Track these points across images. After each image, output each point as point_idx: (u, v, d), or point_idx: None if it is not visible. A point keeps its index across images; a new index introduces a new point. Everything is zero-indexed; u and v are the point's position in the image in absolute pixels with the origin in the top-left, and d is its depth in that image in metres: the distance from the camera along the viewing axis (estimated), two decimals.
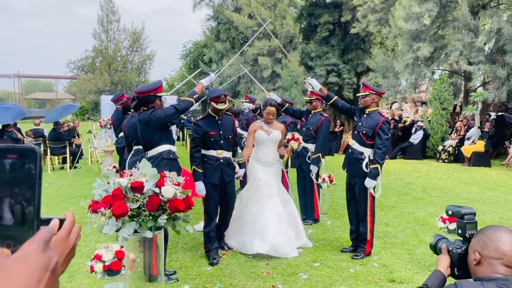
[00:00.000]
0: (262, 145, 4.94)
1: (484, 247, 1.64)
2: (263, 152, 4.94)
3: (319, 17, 24.49)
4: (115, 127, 6.75)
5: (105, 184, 1.85)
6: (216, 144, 4.39)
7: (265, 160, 4.94)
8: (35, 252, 0.56)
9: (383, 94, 4.79)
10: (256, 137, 4.94)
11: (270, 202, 4.77)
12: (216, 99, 4.30)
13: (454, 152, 12.82)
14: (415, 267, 4.36)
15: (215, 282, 4.01)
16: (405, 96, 15.93)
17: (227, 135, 4.48)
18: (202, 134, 4.33)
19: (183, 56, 38.45)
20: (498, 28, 13.17)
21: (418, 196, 7.80)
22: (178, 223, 1.81)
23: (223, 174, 4.45)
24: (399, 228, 5.74)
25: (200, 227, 5.23)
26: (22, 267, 0.54)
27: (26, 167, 0.60)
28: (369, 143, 4.51)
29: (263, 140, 4.92)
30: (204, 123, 4.38)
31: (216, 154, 4.42)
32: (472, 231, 1.68)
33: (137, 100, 4.19)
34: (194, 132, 4.34)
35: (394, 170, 11.05)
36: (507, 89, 13.31)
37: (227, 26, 27.76)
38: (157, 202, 1.68)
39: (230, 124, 4.56)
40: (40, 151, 0.64)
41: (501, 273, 1.60)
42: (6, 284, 0.53)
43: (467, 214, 1.68)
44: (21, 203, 0.59)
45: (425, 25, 14.67)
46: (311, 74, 24.07)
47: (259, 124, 4.99)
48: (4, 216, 0.58)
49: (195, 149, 4.36)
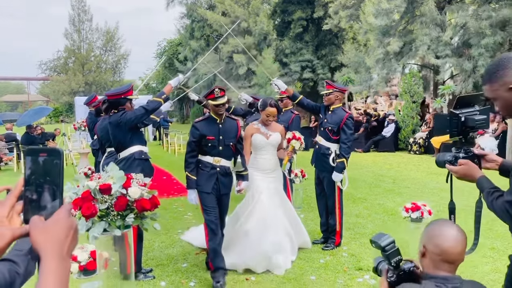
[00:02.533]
0: (261, 150, 4.43)
1: (428, 242, 1.68)
2: (263, 158, 4.44)
3: (292, 13, 24.72)
4: (90, 129, 6.78)
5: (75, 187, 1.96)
6: (213, 150, 3.90)
7: (265, 167, 4.43)
8: (64, 217, 0.84)
9: (346, 91, 5.01)
10: (254, 142, 4.41)
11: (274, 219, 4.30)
12: (211, 95, 3.86)
13: (424, 144, 13.24)
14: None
15: (190, 277, 4.14)
16: (377, 90, 16.30)
17: (228, 141, 3.95)
18: (198, 138, 3.85)
19: (158, 54, 38.19)
20: (464, 22, 13.63)
21: (389, 188, 8.09)
22: (146, 221, 1.94)
23: (218, 184, 3.94)
24: (369, 219, 5.99)
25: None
26: (56, 227, 0.83)
27: (54, 162, 0.86)
28: (334, 139, 4.72)
29: (261, 145, 4.41)
30: (202, 125, 3.91)
31: (213, 162, 3.92)
32: (396, 258, 1.67)
33: (107, 103, 4.28)
34: (191, 135, 3.88)
35: (366, 163, 11.36)
36: (473, 81, 13.78)
37: (201, 24, 27.73)
38: (124, 203, 1.82)
39: (234, 129, 4.03)
40: (63, 151, 0.89)
41: (443, 269, 1.64)
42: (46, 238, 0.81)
43: (387, 245, 1.68)
44: (53, 186, 0.86)
45: (394, 21, 15.05)
46: (286, 71, 24.32)
47: (256, 127, 4.45)
48: (44, 195, 0.85)
49: (190, 154, 3.90)
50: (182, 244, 5.11)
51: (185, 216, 6.39)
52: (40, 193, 0.85)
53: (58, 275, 0.79)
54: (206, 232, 3.95)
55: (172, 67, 30.84)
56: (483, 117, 1.99)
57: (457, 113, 2.00)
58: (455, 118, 2.00)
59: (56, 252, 0.81)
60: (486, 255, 4.56)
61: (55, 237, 0.82)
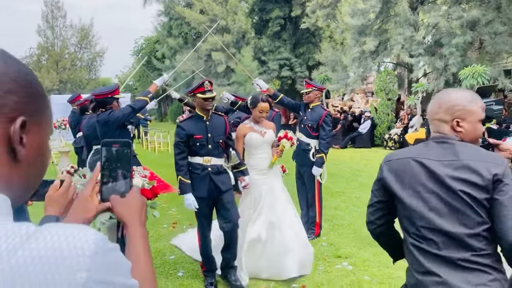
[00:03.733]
0: (257, 150, 4.20)
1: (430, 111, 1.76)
2: (259, 157, 4.20)
3: (270, 12, 24.96)
4: (72, 128, 6.83)
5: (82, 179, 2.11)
6: (202, 149, 3.68)
7: (262, 167, 4.19)
8: (137, 194, 1.04)
9: (324, 89, 5.26)
10: (249, 141, 4.18)
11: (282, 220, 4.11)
12: (201, 89, 3.63)
13: (399, 140, 13.71)
14: (359, 244, 4.87)
15: (178, 268, 4.32)
16: (353, 88, 16.72)
17: (217, 139, 3.74)
18: (186, 138, 3.64)
19: (135, 52, 37.85)
20: (435, 22, 14.14)
21: (365, 182, 8.42)
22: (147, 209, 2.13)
23: (214, 184, 3.71)
24: (347, 211, 6.28)
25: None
26: (134, 201, 1.02)
27: (124, 151, 1.03)
28: (314, 135, 4.96)
29: (257, 144, 4.18)
30: (188, 124, 3.68)
31: (203, 162, 3.70)
32: None
33: (95, 102, 4.41)
34: (177, 136, 3.67)
35: (344, 159, 11.71)
36: (445, 79, 14.34)
37: (179, 22, 27.66)
38: None
39: (222, 126, 3.82)
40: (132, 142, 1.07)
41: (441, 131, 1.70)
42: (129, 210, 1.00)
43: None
44: (124, 171, 1.03)
45: (369, 20, 15.46)
46: (264, 68, 24.57)
47: (249, 126, 4.22)
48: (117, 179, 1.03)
49: (180, 156, 3.65)
50: (169, 238, 5.27)
51: (169, 211, 6.54)
52: (114, 177, 1.04)
53: (145, 237, 0.98)
54: (199, 237, 3.88)
55: (150, 65, 30.67)
56: (499, 107, 2.05)
57: None
58: None
59: (138, 220, 1.00)
60: None
61: (135, 208, 1.01)
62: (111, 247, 0.66)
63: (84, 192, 1.07)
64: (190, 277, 4.13)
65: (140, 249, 0.95)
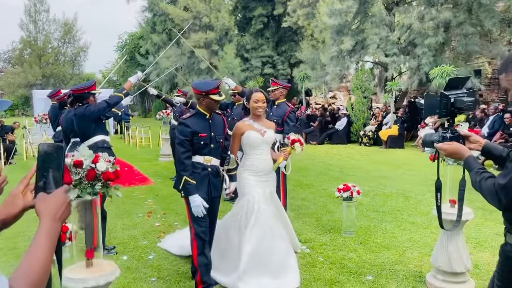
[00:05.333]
0: (255, 150, 3.93)
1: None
2: (257, 158, 3.93)
3: (253, 10, 25.32)
4: (52, 122, 7.10)
5: None
6: (205, 148, 3.53)
7: (260, 169, 3.93)
8: (60, 193, 1.13)
9: (289, 87, 5.65)
10: (247, 140, 3.90)
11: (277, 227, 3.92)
12: (216, 90, 3.51)
13: (373, 136, 14.22)
14: (319, 230, 5.29)
15: (150, 252, 4.67)
16: (331, 86, 17.18)
17: (219, 138, 3.63)
18: (191, 136, 3.46)
19: (118, 48, 37.78)
20: (410, 23, 14.67)
21: (335, 176, 8.86)
22: (111, 190, 2.47)
23: (210, 186, 3.57)
24: (312, 202, 6.69)
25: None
26: (53, 199, 1.11)
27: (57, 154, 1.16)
28: (279, 130, 5.34)
29: (256, 143, 3.90)
30: (193, 122, 3.50)
31: (204, 161, 3.55)
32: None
33: (72, 97, 4.72)
34: (181, 133, 3.47)
35: (319, 154, 12.16)
36: (418, 78, 14.89)
37: (163, 18, 27.83)
38: (93, 174, 2.33)
39: (222, 125, 3.71)
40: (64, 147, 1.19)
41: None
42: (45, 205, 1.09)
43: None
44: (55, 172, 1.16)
45: (347, 20, 15.91)
46: (247, 66, 24.91)
47: (248, 123, 3.93)
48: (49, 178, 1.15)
49: (186, 154, 3.44)
50: (142, 226, 5.61)
51: (145, 202, 6.87)
52: (47, 177, 1.15)
53: (49, 232, 1.05)
54: (195, 245, 3.52)
55: (133, 61, 30.75)
56: (471, 99, 2.05)
57: (447, 94, 2.06)
58: (445, 99, 2.05)
59: (49, 215, 1.07)
60: (406, 228, 5.33)
61: (51, 205, 1.09)
62: None
63: (16, 189, 1.19)
64: (160, 259, 4.48)
65: (40, 244, 1.02)
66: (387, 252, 4.55)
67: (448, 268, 3.59)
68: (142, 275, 4.09)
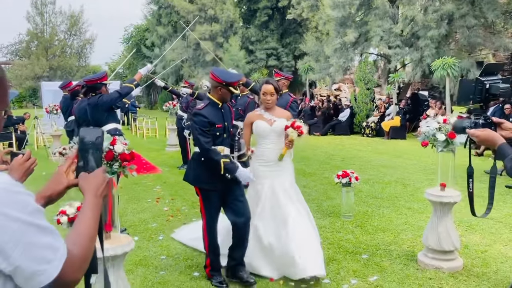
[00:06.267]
0: (264, 139, 3.95)
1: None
2: (266, 147, 3.93)
3: (258, 2, 25.45)
4: (64, 112, 7.40)
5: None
6: (219, 138, 3.53)
7: (269, 158, 3.92)
8: (100, 173, 1.26)
9: (291, 78, 5.89)
10: (256, 130, 3.95)
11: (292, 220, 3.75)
12: (236, 83, 3.55)
13: (376, 127, 14.44)
14: (319, 215, 5.56)
15: (159, 233, 4.97)
16: (335, 78, 17.36)
17: (230, 127, 3.66)
18: (209, 126, 3.44)
19: (124, 40, 38.04)
20: (413, 15, 14.80)
21: (337, 165, 9.11)
22: (126, 170, 2.75)
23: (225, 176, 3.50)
24: (314, 189, 6.96)
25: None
26: (94, 178, 1.24)
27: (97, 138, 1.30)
28: None
29: (265, 133, 3.92)
30: (209, 112, 3.48)
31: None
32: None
33: (86, 87, 5.01)
34: (200, 124, 3.43)
35: (322, 145, 12.40)
36: (421, 70, 15.06)
37: (168, 11, 28.02)
38: (111, 155, 2.61)
39: (230, 114, 3.74)
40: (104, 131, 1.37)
41: None
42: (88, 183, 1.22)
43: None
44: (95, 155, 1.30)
45: (350, 13, 16.05)
46: (252, 58, 25.10)
47: (259, 113, 3.99)
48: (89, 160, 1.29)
49: (210, 143, 3.45)
50: (151, 210, 5.91)
51: (154, 189, 7.18)
52: (86, 158, 1.27)
53: (94, 207, 1.17)
54: (205, 232, 3.62)
55: (139, 53, 31.00)
56: (506, 86, 2.03)
57: (482, 80, 2.04)
58: (480, 85, 2.03)
59: (91, 192, 1.19)
60: (402, 213, 5.60)
61: (93, 183, 1.21)
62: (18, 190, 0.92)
63: (61, 168, 1.31)
64: (169, 240, 4.78)
65: (87, 214, 1.13)
66: (383, 234, 4.82)
67: (438, 246, 3.85)
68: (152, 253, 4.39)
